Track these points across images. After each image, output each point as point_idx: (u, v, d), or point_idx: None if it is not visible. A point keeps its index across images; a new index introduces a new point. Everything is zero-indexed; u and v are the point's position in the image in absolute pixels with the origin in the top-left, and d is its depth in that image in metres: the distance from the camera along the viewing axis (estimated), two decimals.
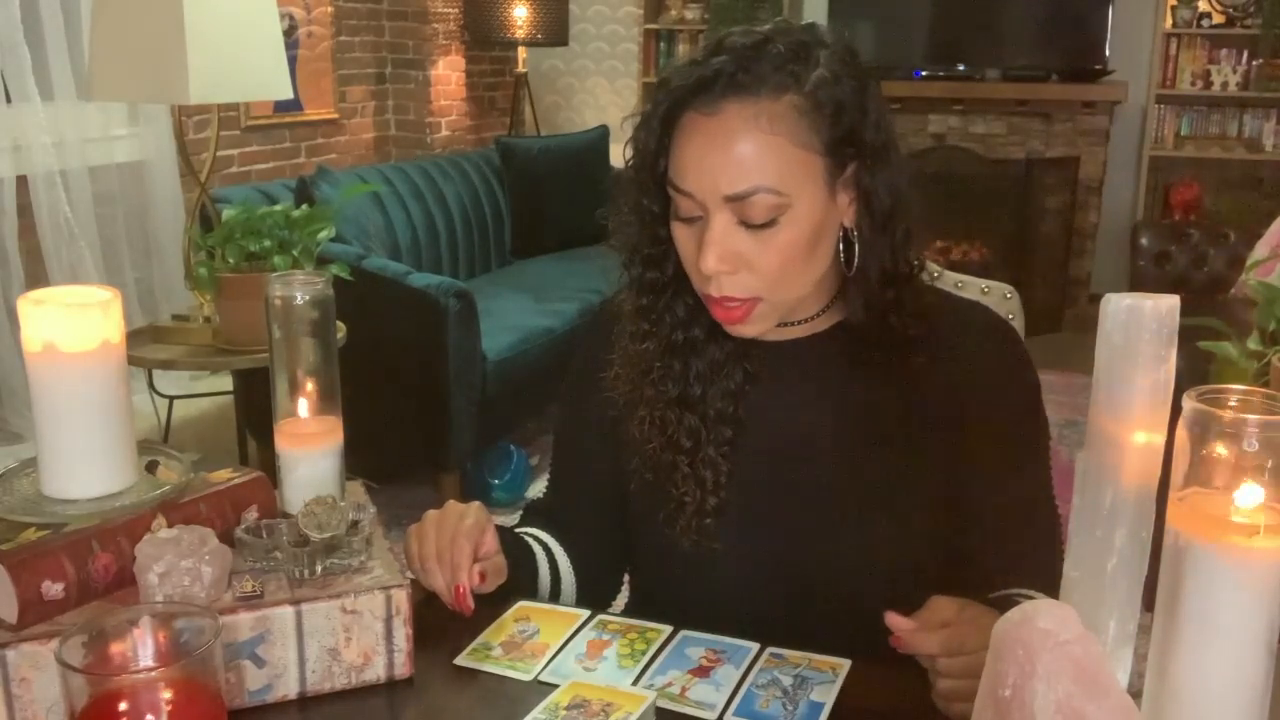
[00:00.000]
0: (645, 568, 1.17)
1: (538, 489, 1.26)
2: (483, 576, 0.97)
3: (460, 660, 0.93)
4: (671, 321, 1.07)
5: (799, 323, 1.09)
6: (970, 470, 1.04)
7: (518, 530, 1.16)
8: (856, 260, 1.03)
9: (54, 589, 0.82)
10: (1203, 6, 5.07)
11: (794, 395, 1.08)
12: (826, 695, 0.87)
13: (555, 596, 1.12)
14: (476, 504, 1.03)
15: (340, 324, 2.14)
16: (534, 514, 1.21)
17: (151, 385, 3.04)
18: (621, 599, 1.24)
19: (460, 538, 0.98)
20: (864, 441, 1.05)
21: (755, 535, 1.07)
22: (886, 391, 1.05)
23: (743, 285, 0.99)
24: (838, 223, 1.02)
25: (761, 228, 0.97)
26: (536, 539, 1.14)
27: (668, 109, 1.00)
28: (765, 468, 1.07)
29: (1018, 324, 1.30)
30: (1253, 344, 1.12)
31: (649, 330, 1.08)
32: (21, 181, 3.22)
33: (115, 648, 0.69)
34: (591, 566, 1.16)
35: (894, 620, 0.88)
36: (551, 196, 4.51)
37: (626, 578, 1.22)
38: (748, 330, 1.03)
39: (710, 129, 0.97)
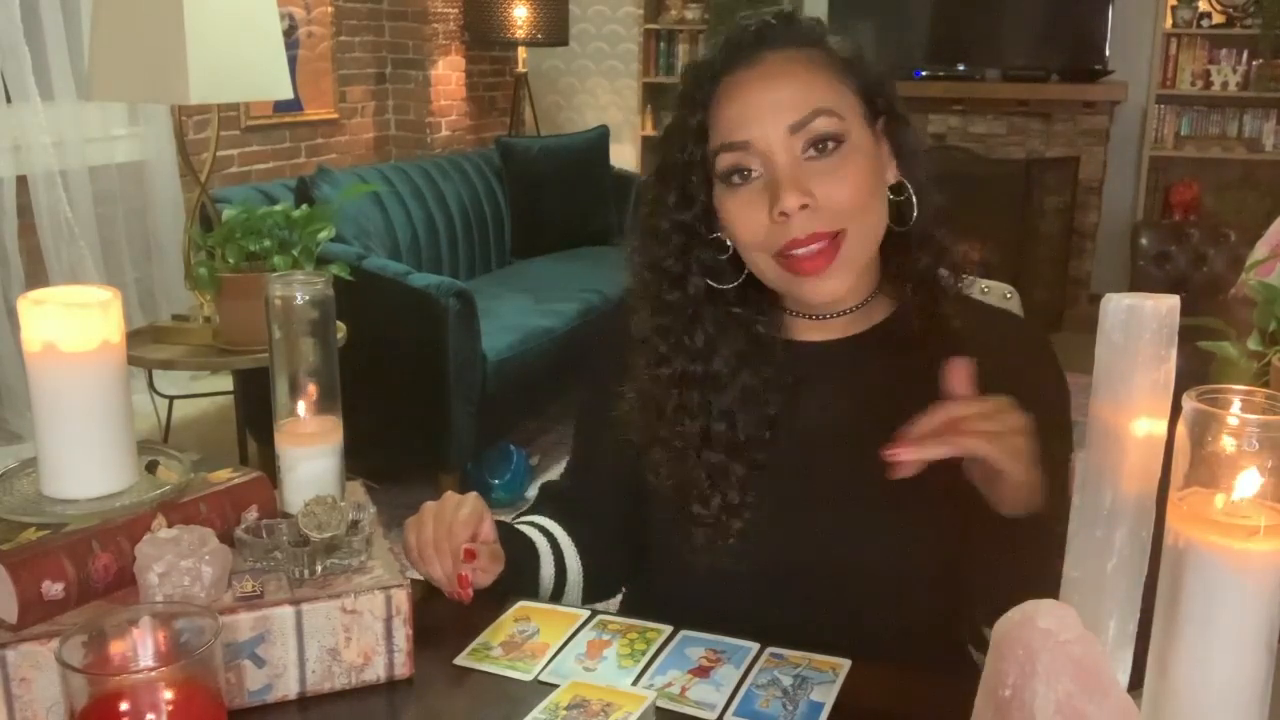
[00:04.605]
0: (656, 575, 1.15)
1: (538, 489, 1.26)
2: (472, 554, 0.97)
3: (460, 660, 0.93)
4: (690, 349, 1.05)
5: (842, 314, 1.08)
6: None
7: (525, 520, 1.15)
8: (914, 212, 1.03)
9: (54, 589, 0.82)
10: (1203, 6, 5.07)
11: (828, 402, 1.07)
12: (826, 695, 0.87)
13: (560, 586, 1.11)
14: (473, 494, 1.03)
15: (340, 324, 2.14)
16: (548, 498, 1.20)
17: (151, 385, 3.04)
18: (617, 600, 1.23)
19: (457, 526, 0.98)
20: None
21: (778, 551, 1.04)
22: (924, 399, 1.04)
23: (826, 220, 0.99)
24: (886, 172, 1.04)
25: (829, 156, 0.99)
26: (543, 530, 1.13)
27: (709, 79, 1.03)
28: (795, 485, 1.05)
29: None
30: (1253, 344, 1.12)
31: (665, 355, 1.06)
32: (21, 181, 3.22)
33: (115, 648, 0.69)
34: (600, 553, 1.14)
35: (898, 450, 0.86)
36: (551, 196, 4.51)
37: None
38: (829, 284, 1.00)
39: (753, 77, 1.01)
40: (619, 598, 1.23)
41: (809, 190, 0.98)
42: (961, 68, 5.19)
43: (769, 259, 1.01)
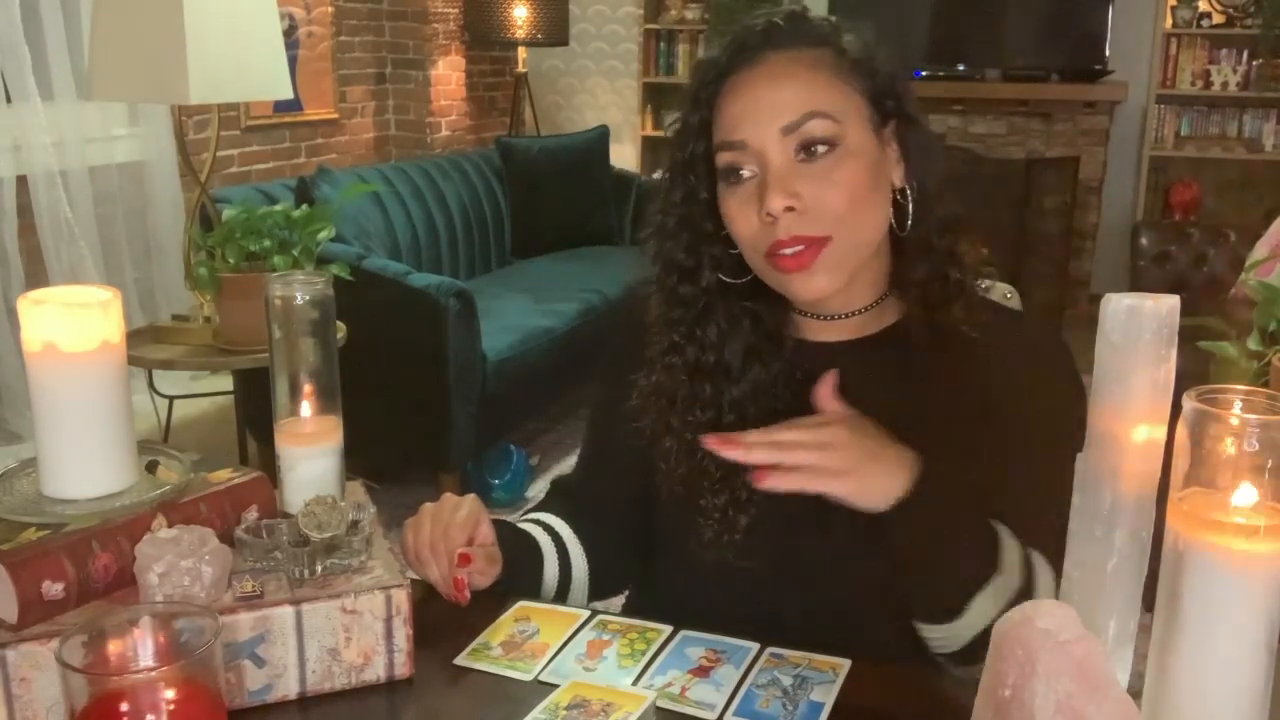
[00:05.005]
0: (662, 573, 1.15)
1: (538, 489, 1.26)
2: (467, 559, 0.97)
3: (460, 660, 0.93)
4: (703, 340, 1.06)
5: (850, 315, 1.07)
6: (1000, 472, 1.01)
7: (531, 517, 1.15)
8: (910, 220, 1.03)
9: (54, 589, 0.82)
10: (1203, 6, 5.07)
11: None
12: (826, 695, 0.87)
13: (565, 585, 1.11)
14: (471, 496, 1.03)
15: (340, 324, 2.14)
16: (559, 492, 1.21)
17: (151, 385, 3.04)
18: (619, 599, 1.23)
19: (453, 528, 0.98)
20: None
21: (783, 549, 1.04)
22: (935, 402, 1.03)
23: (811, 224, 0.99)
24: (890, 176, 1.03)
25: (820, 160, 0.98)
26: (548, 528, 1.13)
27: (714, 78, 1.03)
28: None
29: None
30: (1253, 344, 1.12)
31: (678, 343, 1.07)
32: (21, 181, 3.22)
33: (115, 648, 0.69)
34: (606, 550, 1.14)
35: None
36: (551, 196, 4.51)
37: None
38: (816, 280, 1.00)
39: (755, 77, 1.01)
40: (621, 597, 1.23)
41: (796, 192, 0.98)
42: (961, 68, 5.19)
43: (760, 258, 1.02)
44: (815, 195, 0.98)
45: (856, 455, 0.91)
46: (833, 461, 0.91)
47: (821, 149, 0.99)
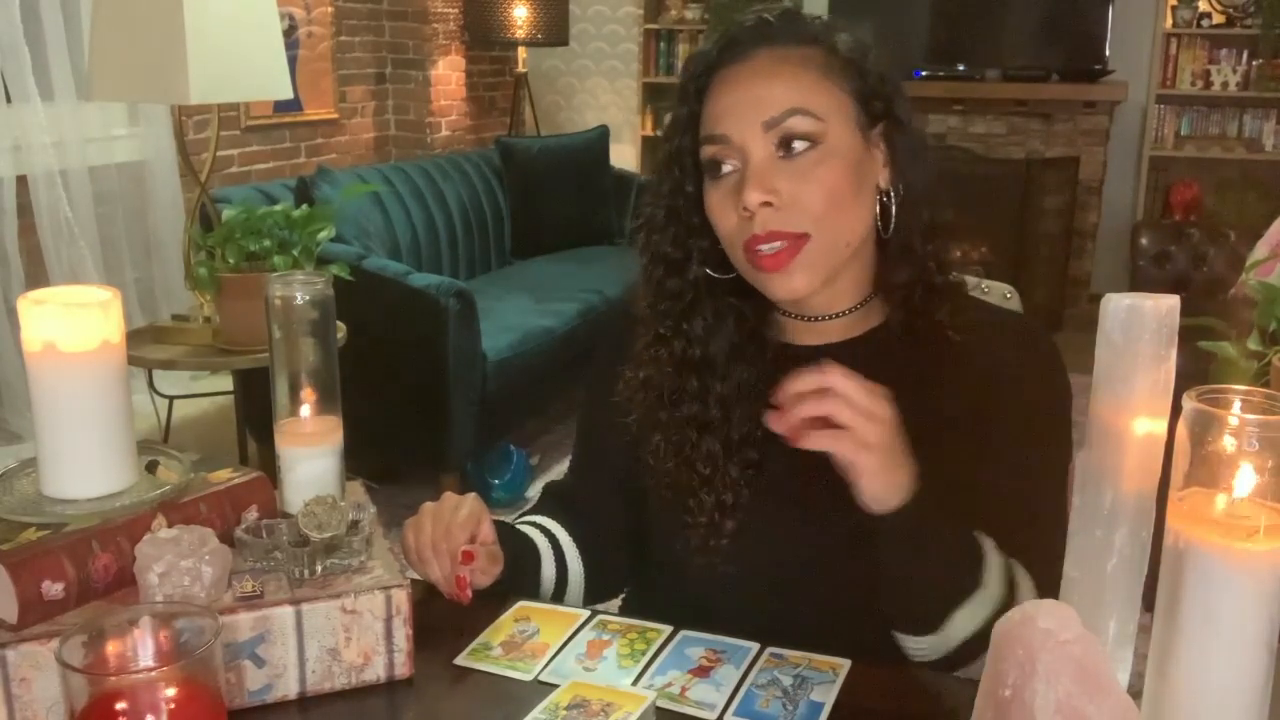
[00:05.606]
0: (656, 575, 1.15)
1: (538, 489, 1.26)
2: (470, 556, 0.97)
3: (460, 660, 0.93)
4: (689, 333, 1.06)
5: (834, 316, 1.07)
6: (985, 474, 1.02)
7: (527, 519, 1.15)
8: (894, 223, 1.03)
9: (54, 589, 0.82)
10: (1203, 6, 5.07)
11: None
12: (826, 695, 0.87)
13: (562, 586, 1.11)
14: (472, 495, 1.03)
15: (340, 324, 2.14)
16: (551, 496, 1.21)
17: (151, 385, 3.04)
18: (617, 601, 1.23)
19: (455, 528, 0.98)
20: None
21: (773, 553, 1.04)
22: (920, 405, 1.01)
23: (788, 220, 0.98)
24: (875, 178, 1.03)
25: (801, 156, 0.98)
26: (544, 530, 1.13)
27: (703, 71, 1.03)
28: (789, 486, 1.04)
29: None
30: (1253, 344, 1.12)
31: (665, 335, 1.07)
32: (21, 181, 3.21)
33: (115, 648, 0.69)
34: (601, 552, 1.14)
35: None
36: (551, 196, 4.51)
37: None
38: (794, 280, 1.00)
39: (743, 73, 1.01)
40: (619, 598, 1.23)
41: (774, 188, 0.98)
42: (961, 68, 5.19)
43: (739, 253, 1.02)
44: (793, 192, 0.98)
45: (890, 437, 0.89)
46: (869, 432, 0.88)
47: (802, 146, 0.99)
